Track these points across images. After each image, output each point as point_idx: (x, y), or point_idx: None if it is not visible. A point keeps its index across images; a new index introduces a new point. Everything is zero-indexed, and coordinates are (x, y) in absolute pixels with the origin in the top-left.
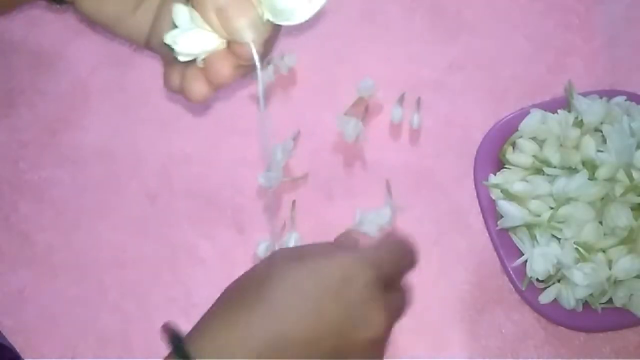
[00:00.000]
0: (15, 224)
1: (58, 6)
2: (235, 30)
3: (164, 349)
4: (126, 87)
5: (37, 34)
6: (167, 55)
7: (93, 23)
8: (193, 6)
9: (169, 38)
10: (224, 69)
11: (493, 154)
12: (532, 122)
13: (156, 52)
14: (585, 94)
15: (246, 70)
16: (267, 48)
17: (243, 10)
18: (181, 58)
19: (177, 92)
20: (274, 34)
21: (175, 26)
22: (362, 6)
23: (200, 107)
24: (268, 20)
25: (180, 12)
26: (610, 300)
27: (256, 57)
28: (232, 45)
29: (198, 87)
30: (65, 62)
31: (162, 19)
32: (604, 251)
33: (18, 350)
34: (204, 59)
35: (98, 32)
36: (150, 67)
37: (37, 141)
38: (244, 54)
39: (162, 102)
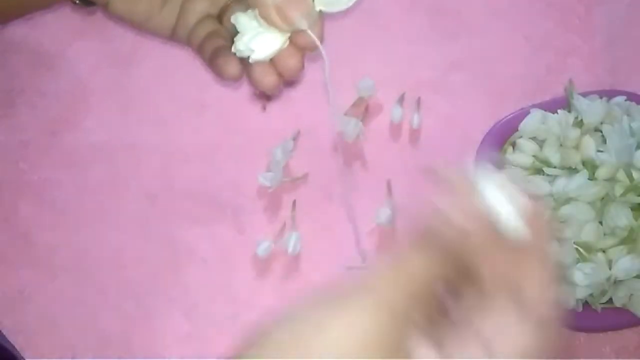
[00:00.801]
0: (16, 225)
1: (88, 7)
2: (295, 22)
3: (164, 349)
4: (126, 87)
5: (37, 34)
6: (216, 49)
7: (122, 22)
8: (253, 9)
9: (241, 45)
10: (294, 62)
11: (493, 154)
12: (532, 122)
13: (181, 42)
14: (585, 94)
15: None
16: (321, 34)
17: (299, 3)
18: (252, 60)
19: (234, 80)
20: (322, 21)
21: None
22: (362, 6)
23: (200, 107)
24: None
25: (243, 20)
26: (610, 300)
27: (318, 43)
28: (295, 37)
29: (271, 81)
30: (65, 62)
31: (187, 12)
32: (604, 251)
33: (18, 350)
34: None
35: (98, 32)
36: (151, 67)
37: (37, 141)
38: (308, 43)
39: (162, 102)
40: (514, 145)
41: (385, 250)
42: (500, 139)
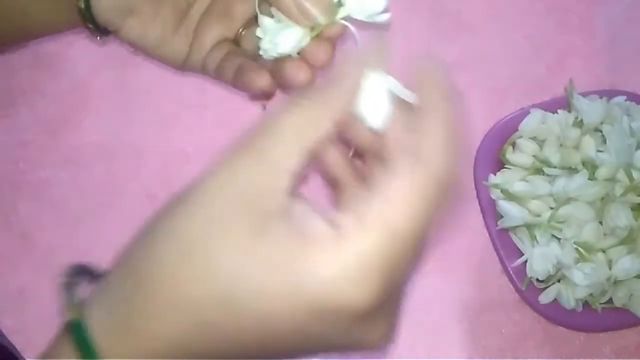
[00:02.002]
0: (15, 224)
1: (101, 38)
2: (316, 15)
3: None
4: (126, 87)
5: None
6: (240, 66)
7: (134, 49)
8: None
9: (265, 44)
10: (324, 53)
11: (493, 154)
12: (532, 122)
13: (195, 69)
14: (585, 94)
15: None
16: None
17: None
18: (279, 53)
19: (266, 93)
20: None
21: (259, 39)
22: None
23: (200, 107)
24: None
25: (266, 22)
26: (610, 300)
27: (352, 28)
28: (323, 29)
29: (306, 75)
30: (65, 62)
31: (201, 38)
32: (604, 251)
33: (18, 351)
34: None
35: None
36: (151, 67)
37: (37, 141)
38: (335, 33)
39: (162, 102)
40: (514, 145)
41: None
42: (500, 139)
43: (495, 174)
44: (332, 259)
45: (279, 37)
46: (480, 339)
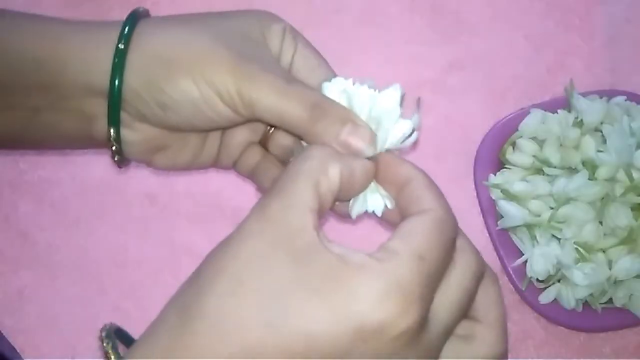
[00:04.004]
0: (15, 224)
1: (122, 166)
2: (364, 152)
3: None
4: None
5: None
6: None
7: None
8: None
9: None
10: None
11: (493, 154)
12: (532, 122)
13: (226, 169)
14: (585, 94)
15: None
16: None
17: (362, 130)
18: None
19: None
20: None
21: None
22: (362, 6)
23: None
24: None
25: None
26: (610, 300)
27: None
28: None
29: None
30: None
31: (229, 145)
32: (604, 251)
33: (18, 350)
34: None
35: None
36: None
37: None
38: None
39: None
40: (514, 145)
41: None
42: (500, 139)
43: (495, 174)
44: (375, 282)
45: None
46: None
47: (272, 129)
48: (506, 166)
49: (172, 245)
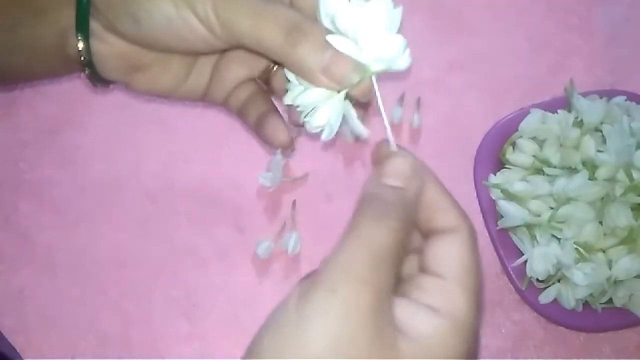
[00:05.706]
0: (16, 224)
1: (101, 86)
2: (346, 80)
3: (164, 349)
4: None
5: None
6: (261, 114)
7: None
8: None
9: (289, 100)
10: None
11: (493, 154)
12: (532, 122)
13: (216, 104)
14: (585, 94)
15: None
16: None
17: (345, 59)
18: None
19: (285, 149)
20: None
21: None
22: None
23: (200, 108)
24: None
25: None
26: (610, 300)
27: (375, 85)
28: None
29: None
30: None
31: (223, 78)
32: (604, 251)
33: (18, 350)
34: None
35: None
36: None
37: (37, 141)
38: (360, 95)
39: (163, 102)
40: (514, 145)
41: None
42: (500, 139)
43: (495, 174)
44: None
45: (318, 111)
46: (480, 339)
47: (276, 66)
48: (506, 166)
49: (172, 245)
